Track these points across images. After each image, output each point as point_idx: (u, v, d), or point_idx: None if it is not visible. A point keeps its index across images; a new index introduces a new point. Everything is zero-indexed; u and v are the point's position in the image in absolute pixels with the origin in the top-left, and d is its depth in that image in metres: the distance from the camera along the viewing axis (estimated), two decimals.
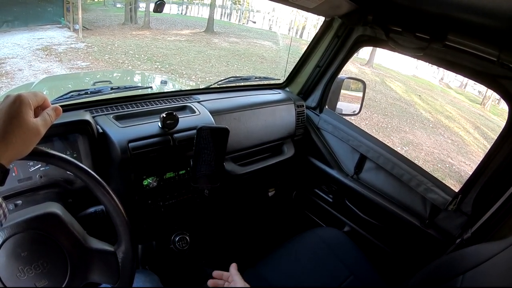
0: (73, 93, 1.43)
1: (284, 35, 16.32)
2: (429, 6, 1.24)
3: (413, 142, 7.66)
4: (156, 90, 1.73)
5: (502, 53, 1.21)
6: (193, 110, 1.55)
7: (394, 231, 1.79)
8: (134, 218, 1.36)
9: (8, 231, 0.71)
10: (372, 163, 1.83)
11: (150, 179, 1.35)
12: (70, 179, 1.22)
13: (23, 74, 6.18)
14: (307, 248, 1.62)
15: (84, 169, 0.79)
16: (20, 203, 1.12)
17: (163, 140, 1.33)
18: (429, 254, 1.52)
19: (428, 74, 15.71)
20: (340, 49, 1.88)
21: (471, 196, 1.50)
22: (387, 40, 1.55)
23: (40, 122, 0.67)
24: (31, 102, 0.66)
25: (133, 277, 0.86)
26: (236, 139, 1.69)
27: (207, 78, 8.02)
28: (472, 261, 0.94)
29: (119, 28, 10.87)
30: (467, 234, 1.41)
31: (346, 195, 2.00)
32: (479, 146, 8.65)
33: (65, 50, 7.95)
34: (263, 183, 2.26)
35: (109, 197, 0.81)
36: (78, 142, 1.22)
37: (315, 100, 2.08)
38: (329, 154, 2.01)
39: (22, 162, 1.14)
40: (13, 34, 8.12)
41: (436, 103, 11.62)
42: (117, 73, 5.25)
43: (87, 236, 0.83)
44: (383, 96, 10.51)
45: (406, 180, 1.67)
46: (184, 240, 1.54)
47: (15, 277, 0.72)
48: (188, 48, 10.36)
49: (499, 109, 12.57)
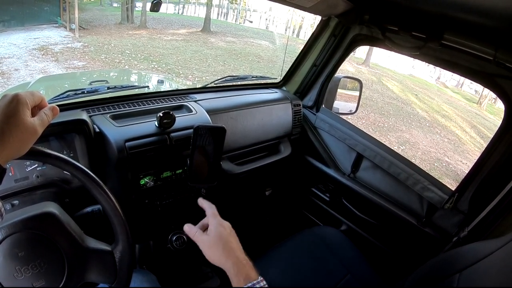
0: (70, 93, 1.43)
1: (280, 35, 16.34)
2: (425, 5, 1.24)
3: (409, 141, 7.68)
4: (152, 90, 1.72)
5: (498, 52, 1.22)
6: (189, 109, 1.55)
7: (391, 229, 1.79)
8: (131, 217, 1.36)
9: (5, 231, 0.71)
10: (369, 162, 1.83)
11: (147, 179, 1.35)
12: (67, 178, 1.22)
13: (19, 74, 6.16)
14: (304, 247, 1.62)
15: (81, 168, 0.79)
16: (17, 203, 1.12)
17: (160, 139, 1.33)
18: (426, 253, 1.53)
19: (425, 73, 15.76)
20: (336, 48, 1.88)
21: (467, 194, 1.51)
22: (383, 39, 1.55)
23: (37, 121, 0.67)
24: (28, 101, 0.66)
25: (130, 276, 0.86)
26: (233, 138, 1.70)
27: (204, 78, 8.01)
28: (469, 259, 0.95)
29: (115, 28, 10.83)
30: (463, 233, 1.41)
31: (343, 194, 2.00)
32: (475, 145, 8.68)
33: (61, 49, 7.92)
34: (260, 182, 2.26)
35: (106, 196, 0.81)
36: (75, 141, 1.22)
37: (312, 99, 2.08)
38: (326, 153, 2.01)
39: (19, 162, 1.14)
40: (9, 33, 8.09)
41: (432, 102, 11.66)
42: (113, 72, 5.23)
43: (84, 235, 0.83)
44: (379, 95, 10.53)
45: (403, 178, 1.67)
46: (181, 240, 1.53)
47: (12, 277, 0.71)
48: (185, 48, 10.34)
49: (495, 108, 12.62)
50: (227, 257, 0.83)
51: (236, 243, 0.87)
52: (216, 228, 0.88)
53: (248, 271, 0.81)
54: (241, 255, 0.84)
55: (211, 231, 0.88)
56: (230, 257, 0.83)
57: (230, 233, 0.89)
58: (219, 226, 0.89)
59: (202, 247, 0.88)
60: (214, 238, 0.86)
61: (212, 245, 0.86)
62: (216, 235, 0.87)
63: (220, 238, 0.86)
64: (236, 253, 0.84)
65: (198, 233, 0.90)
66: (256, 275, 0.81)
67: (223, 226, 0.89)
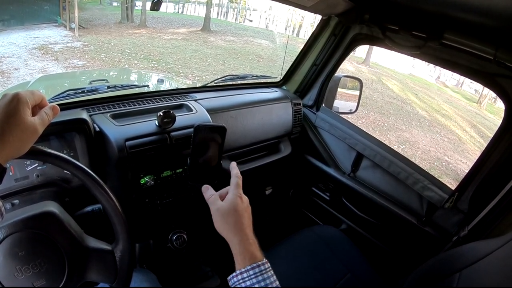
0: (70, 92, 1.43)
1: (280, 34, 16.32)
2: (426, 4, 1.24)
3: (409, 141, 7.68)
4: (152, 89, 1.72)
5: (498, 51, 1.22)
6: (190, 108, 1.55)
7: (391, 228, 1.79)
8: (131, 216, 1.36)
9: (5, 230, 0.71)
10: (369, 161, 1.83)
11: (147, 178, 1.35)
12: (67, 178, 1.22)
13: (19, 73, 6.15)
14: (304, 246, 1.62)
15: (81, 167, 0.79)
16: (17, 202, 1.12)
17: (160, 138, 1.33)
18: (426, 252, 1.53)
19: (425, 72, 15.77)
20: (336, 48, 1.88)
21: (467, 194, 1.51)
22: (383, 38, 1.55)
23: (38, 121, 0.67)
24: (29, 100, 0.66)
25: (130, 276, 0.86)
26: (233, 137, 1.69)
27: (204, 77, 8.00)
28: (469, 259, 0.95)
29: (115, 27, 10.83)
30: (463, 232, 1.41)
31: (343, 193, 2.00)
32: (475, 144, 8.68)
33: (61, 49, 7.91)
34: (260, 181, 2.26)
35: (106, 195, 0.81)
36: (75, 140, 1.22)
37: (312, 98, 2.08)
38: (326, 152, 2.01)
39: (19, 161, 1.14)
40: (9, 33, 8.08)
41: (432, 101, 11.66)
42: (113, 71, 5.22)
43: (84, 235, 0.83)
44: (379, 94, 10.53)
45: (403, 178, 1.67)
46: (182, 239, 1.54)
47: (13, 277, 0.71)
48: (185, 47, 10.33)
49: (495, 108, 12.63)
50: (236, 232, 0.80)
51: (249, 220, 0.84)
52: (234, 198, 0.84)
53: (254, 251, 0.78)
54: (250, 233, 0.82)
55: (228, 199, 0.85)
56: (238, 233, 0.80)
57: (246, 208, 0.86)
58: (237, 197, 0.85)
59: (214, 214, 0.84)
60: (229, 207, 0.83)
61: (225, 215, 0.83)
62: (232, 205, 0.83)
63: (234, 210, 0.83)
64: (245, 230, 0.81)
65: (214, 197, 0.87)
66: (261, 256, 0.78)
67: (241, 199, 0.86)
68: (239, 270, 0.75)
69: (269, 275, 0.75)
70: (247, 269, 0.75)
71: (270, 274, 0.76)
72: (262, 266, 0.75)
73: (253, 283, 0.73)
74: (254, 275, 0.74)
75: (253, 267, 0.75)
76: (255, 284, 0.73)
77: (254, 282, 0.73)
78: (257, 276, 0.74)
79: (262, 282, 0.74)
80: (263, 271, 0.75)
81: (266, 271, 0.75)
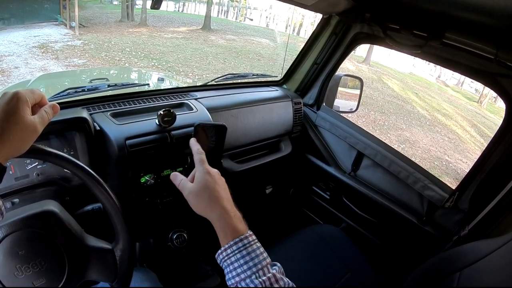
0: (70, 91, 1.43)
1: (281, 33, 16.29)
2: (427, 3, 1.24)
3: (410, 140, 7.68)
4: (153, 88, 1.73)
5: (499, 51, 1.21)
6: (190, 107, 1.54)
7: (391, 228, 1.79)
8: (132, 215, 1.36)
9: (5, 229, 0.71)
10: (369, 160, 1.83)
11: (147, 177, 1.35)
12: (67, 177, 1.21)
13: (19, 72, 6.14)
14: (305, 245, 1.62)
15: (81, 166, 0.79)
16: (17, 201, 1.11)
17: (160, 137, 1.33)
18: (426, 251, 1.53)
19: (425, 72, 15.76)
20: (337, 47, 1.88)
21: (468, 193, 1.51)
22: (384, 37, 1.55)
23: (38, 119, 0.67)
24: (29, 99, 0.66)
25: (130, 275, 0.86)
26: (233, 136, 1.69)
27: (204, 76, 8.00)
28: (469, 258, 0.95)
29: (115, 26, 10.81)
30: (464, 231, 1.41)
31: (344, 192, 2.00)
32: (476, 144, 8.69)
33: (61, 47, 7.90)
34: (261, 180, 2.26)
35: (107, 194, 0.81)
36: (75, 139, 1.22)
37: (313, 97, 2.08)
38: (326, 151, 2.01)
39: (19, 160, 1.13)
40: (9, 31, 8.07)
41: (433, 100, 11.66)
42: (114, 70, 5.21)
43: (84, 234, 0.83)
44: (380, 93, 10.52)
45: (403, 177, 1.67)
46: (182, 238, 1.54)
47: (13, 276, 0.71)
48: (185, 46, 10.32)
49: (495, 107, 12.63)
50: (213, 208, 0.77)
51: (224, 193, 0.80)
52: (203, 176, 0.80)
53: (236, 224, 0.74)
54: (228, 205, 0.77)
55: (197, 178, 0.80)
56: (216, 208, 0.76)
57: (218, 181, 0.81)
58: (205, 174, 0.81)
59: (187, 197, 0.81)
60: (199, 186, 0.79)
61: (197, 195, 0.79)
62: (201, 183, 0.79)
63: (205, 187, 0.78)
64: (222, 204, 0.77)
65: (184, 181, 0.83)
66: (245, 228, 0.75)
67: (209, 173, 0.81)
68: (223, 247, 0.72)
69: (254, 248, 0.72)
70: (230, 244, 0.72)
71: (255, 247, 0.72)
72: (245, 240, 0.72)
73: (238, 259, 0.70)
74: (238, 250, 0.71)
75: (236, 242, 0.72)
76: (240, 259, 0.70)
77: (238, 258, 0.70)
78: (241, 251, 0.71)
79: (247, 257, 0.70)
80: (246, 245, 0.72)
81: (250, 244, 0.72)
